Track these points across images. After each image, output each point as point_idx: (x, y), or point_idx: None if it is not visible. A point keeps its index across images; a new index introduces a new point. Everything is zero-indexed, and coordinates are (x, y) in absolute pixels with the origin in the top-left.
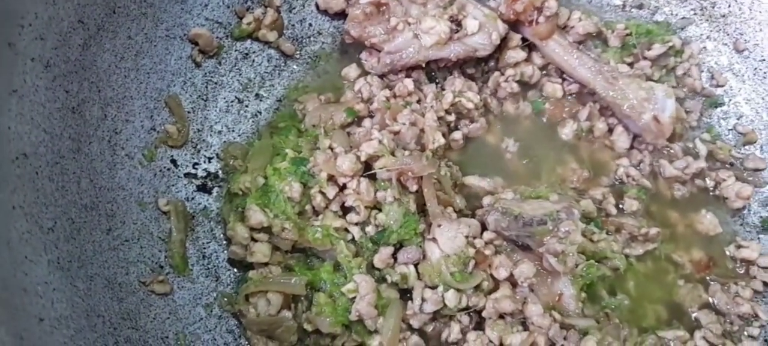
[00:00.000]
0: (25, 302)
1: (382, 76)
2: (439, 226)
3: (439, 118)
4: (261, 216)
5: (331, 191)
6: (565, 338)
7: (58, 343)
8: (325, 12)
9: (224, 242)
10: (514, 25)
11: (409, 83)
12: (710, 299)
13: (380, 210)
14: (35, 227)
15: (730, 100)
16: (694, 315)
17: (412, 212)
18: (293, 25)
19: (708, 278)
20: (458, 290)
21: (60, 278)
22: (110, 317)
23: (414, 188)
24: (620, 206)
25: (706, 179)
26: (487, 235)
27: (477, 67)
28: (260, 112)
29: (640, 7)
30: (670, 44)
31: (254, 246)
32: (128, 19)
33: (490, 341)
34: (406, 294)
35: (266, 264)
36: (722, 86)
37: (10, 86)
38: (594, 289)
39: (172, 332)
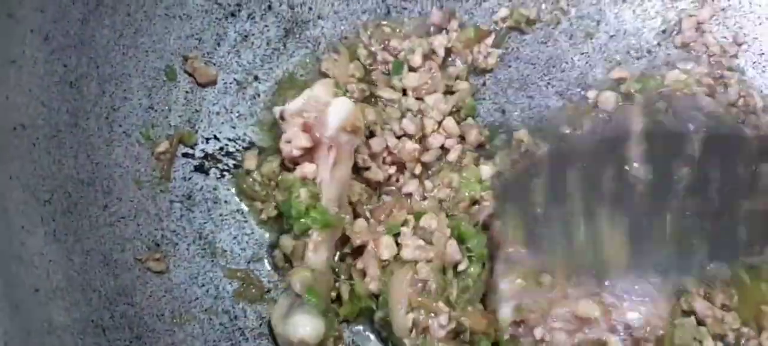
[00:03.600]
0: (20, 271)
1: None
2: None
3: None
4: None
5: None
6: None
7: (53, 314)
8: None
9: (221, 223)
10: None
11: None
12: None
13: None
14: (32, 198)
15: None
16: None
17: None
18: None
19: None
20: None
21: (56, 250)
22: (106, 292)
23: None
24: None
25: None
26: None
27: None
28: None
29: None
30: None
31: None
32: None
33: None
34: None
35: None
36: None
37: (9, 56)
38: None
39: (167, 310)
